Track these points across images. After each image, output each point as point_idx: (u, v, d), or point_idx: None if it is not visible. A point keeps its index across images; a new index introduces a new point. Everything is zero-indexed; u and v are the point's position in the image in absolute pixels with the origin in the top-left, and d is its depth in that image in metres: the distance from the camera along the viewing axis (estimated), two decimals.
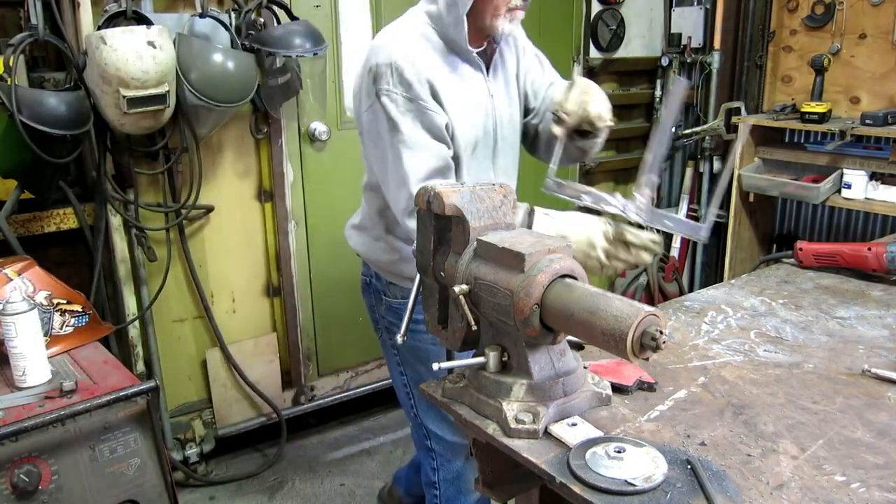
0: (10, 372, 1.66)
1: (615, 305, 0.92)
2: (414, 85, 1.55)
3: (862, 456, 0.97)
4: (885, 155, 3.05)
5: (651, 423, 1.06)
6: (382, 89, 1.57)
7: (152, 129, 2.28)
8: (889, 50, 3.25)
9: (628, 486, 0.89)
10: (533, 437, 1.01)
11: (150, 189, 2.50)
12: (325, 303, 2.98)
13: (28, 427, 1.47)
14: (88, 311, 1.95)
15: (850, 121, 3.21)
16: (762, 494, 0.89)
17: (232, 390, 2.81)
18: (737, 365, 1.26)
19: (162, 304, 2.59)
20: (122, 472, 1.63)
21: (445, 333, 1.19)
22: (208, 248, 2.68)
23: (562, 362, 1.08)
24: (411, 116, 1.57)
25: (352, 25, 2.81)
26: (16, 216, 2.24)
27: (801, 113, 3.28)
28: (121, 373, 1.76)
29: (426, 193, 1.14)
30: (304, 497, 2.67)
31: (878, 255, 1.66)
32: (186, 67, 2.21)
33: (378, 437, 3.05)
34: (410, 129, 1.56)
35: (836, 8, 3.37)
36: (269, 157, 2.71)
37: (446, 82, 1.61)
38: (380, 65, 1.57)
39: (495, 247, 1.05)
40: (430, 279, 1.21)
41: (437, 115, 1.58)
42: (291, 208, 2.78)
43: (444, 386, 1.15)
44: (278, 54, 2.37)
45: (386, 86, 1.57)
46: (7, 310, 1.60)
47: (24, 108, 1.97)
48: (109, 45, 1.99)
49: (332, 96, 2.79)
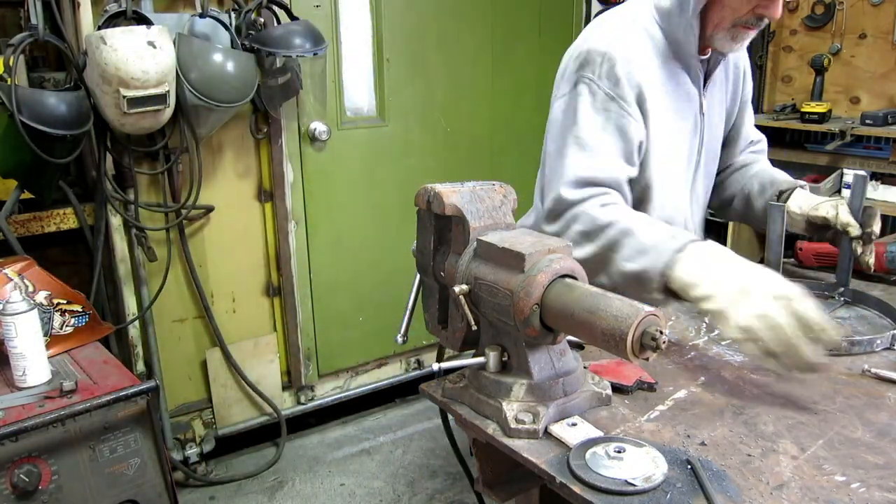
0: (10, 372, 1.66)
1: (615, 305, 0.92)
2: (622, 83, 1.40)
3: (862, 456, 0.97)
4: (885, 155, 3.06)
5: (651, 423, 1.06)
6: (586, 77, 1.41)
7: (152, 129, 2.27)
8: (889, 50, 3.26)
9: (628, 486, 0.89)
10: (533, 437, 1.01)
11: (150, 189, 2.50)
12: (325, 303, 2.98)
13: (28, 427, 1.47)
14: (88, 311, 1.95)
15: (850, 121, 3.21)
16: (762, 494, 0.89)
17: (232, 390, 2.81)
18: (737, 365, 1.26)
19: (162, 304, 2.59)
20: (122, 472, 1.63)
21: (445, 333, 1.19)
22: (208, 248, 2.68)
23: (562, 362, 1.08)
24: (604, 117, 1.41)
25: (352, 25, 2.81)
26: (16, 216, 2.24)
27: (801, 113, 3.28)
28: (121, 373, 1.75)
29: (426, 193, 1.14)
30: (304, 497, 2.67)
31: (878, 255, 1.66)
32: (186, 67, 2.21)
33: (378, 437, 3.05)
34: (596, 128, 1.40)
35: (836, 8, 3.37)
36: (269, 157, 2.71)
37: (659, 90, 1.45)
38: (592, 51, 1.42)
39: (495, 247, 1.04)
40: (430, 279, 1.21)
41: (636, 126, 1.42)
42: (291, 208, 2.78)
43: (444, 386, 1.15)
44: (278, 54, 2.37)
45: (591, 74, 1.41)
46: (7, 310, 1.60)
47: (24, 108, 1.96)
48: (109, 45, 1.99)
49: (332, 96, 2.79)
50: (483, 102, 3.20)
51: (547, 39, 3.31)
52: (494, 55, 3.17)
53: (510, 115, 3.26)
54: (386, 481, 2.74)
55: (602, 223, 1.36)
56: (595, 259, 1.36)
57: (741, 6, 1.40)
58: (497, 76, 3.21)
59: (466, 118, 3.17)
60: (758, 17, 1.42)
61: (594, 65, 1.41)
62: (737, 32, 1.44)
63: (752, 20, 1.42)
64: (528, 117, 3.32)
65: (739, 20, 1.42)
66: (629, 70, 1.41)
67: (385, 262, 3.07)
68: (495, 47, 3.17)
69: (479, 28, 3.11)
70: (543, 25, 3.29)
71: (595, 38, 1.44)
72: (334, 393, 3.09)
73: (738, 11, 1.41)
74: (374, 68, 2.91)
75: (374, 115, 2.97)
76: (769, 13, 1.41)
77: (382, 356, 3.20)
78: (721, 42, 1.46)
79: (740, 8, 1.40)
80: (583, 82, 1.42)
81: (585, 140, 1.40)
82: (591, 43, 1.43)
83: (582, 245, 1.38)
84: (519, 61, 3.24)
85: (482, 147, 3.25)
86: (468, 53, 3.10)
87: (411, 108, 3.01)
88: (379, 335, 3.12)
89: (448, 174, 3.09)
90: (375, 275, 3.07)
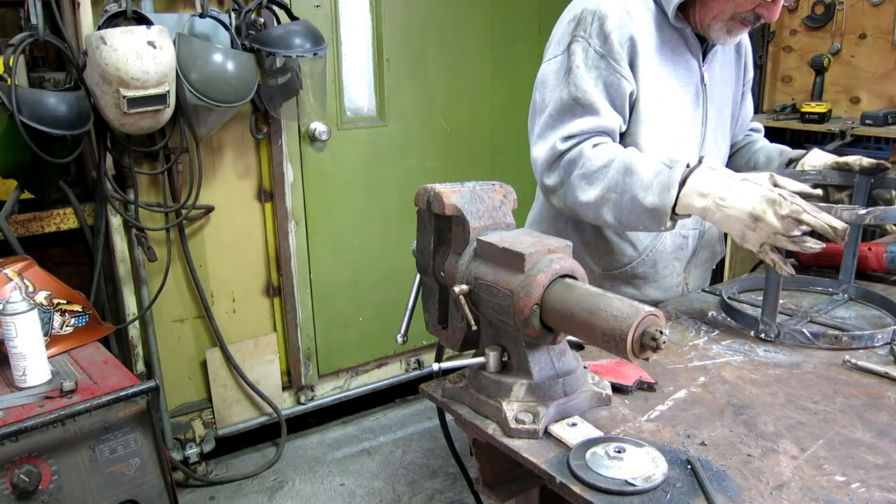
0: (10, 372, 1.66)
1: (615, 305, 0.92)
2: (612, 39, 1.44)
3: (862, 456, 0.97)
4: (885, 155, 3.05)
5: (651, 423, 1.06)
6: (578, 35, 1.46)
7: (152, 129, 2.28)
8: (889, 50, 3.26)
9: (628, 486, 0.89)
10: (533, 437, 1.01)
11: (150, 189, 2.50)
12: (325, 303, 2.98)
13: (28, 427, 1.47)
14: (88, 311, 1.95)
15: (850, 121, 3.21)
16: (762, 494, 0.89)
17: (232, 390, 2.81)
18: (737, 365, 1.26)
19: (162, 304, 2.59)
20: (122, 472, 1.63)
21: (445, 333, 1.19)
22: (208, 248, 2.68)
23: (562, 362, 1.08)
24: (595, 74, 1.45)
25: (352, 25, 2.81)
26: (16, 216, 2.24)
27: (801, 113, 3.28)
28: (121, 373, 1.75)
29: (426, 193, 1.14)
30: (304, 497, 2.67)
31: (878, 255, 1.66)
32: (186, 67, 2.21)
33: (378, 437, 3.05)
34: (588, 84, 1.45)
35: (836, 8, 3.37)
36: (269, 157, 2.71)
37: (652, 50, 1.49)
38: (585, 10, 1.47)
39: (495, 247, 1.04)
40: (430, 279, 1.21)
41: (625, 83, 1.46)
42: (291, 208, 2.78)
43: (444, 386, 1.15)
44: (278, 54, 2.37)
45: (583, 33, 1.46)
46: (7, 310, 1.60)
47: (24, 108, 1.96)
48: (109, 45, 1.99)
49: (332, 96, 2.79)
50: (483, 102, 3.20)
51: (547, 40, 3.30)
52: (494, 55, 3.18)
53: (510, 115, 3.26)
54: (386, 481, 2.74)
55: (600, 164, 1.41)
56: (601, 200, 1.42)
57: (745, 2, 1.44)
58: (497, 76, 3.21)
59: (466, 118, 3.17)
60: (756, 16, 1.46)
61: (585, 23, 1.46)
62: (733, 26, 1.48)
63: (749, 17, 1.46)
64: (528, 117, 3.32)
65: (738, 14, 1.46)
66: (621, 24, 1.45)
67: (385, 262, 3.07)
68: (495, 47, 3.17)
69: (479, 28, 3.11)
70: (543, 25, 3.29)
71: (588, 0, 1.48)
72: (334, 393, 3.10)
73: (741, 6, 1.45)
74: (374, 68, 2.91)
75: (373, 115, 2.97)
76: (767, 14, 1.46)
77: (382, 356, 3.20)
78: (716, 33, 1.49)
79: (744, 4, 1.44)
80: (576, 41, 1.47)
81: (582, 98, 1.45)
82: (585, 3, 1.48)
83: (584, 189, 1.43)
84: (519, 61, 3.24)
85: (482, 147, 3.25)
86: (468, 53, 3.10)
87: (411, 108, 3.01)
88: (379, 335, 3.12)
89: (448, 174, 3.10)
90: (375, 275, 3.07)
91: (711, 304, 1.55)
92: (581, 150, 1.44)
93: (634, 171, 1.37)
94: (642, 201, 1.35)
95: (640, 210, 1.36)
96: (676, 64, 1.54)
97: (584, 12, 1.47)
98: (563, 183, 1.47)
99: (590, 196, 1.43)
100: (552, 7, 3.30)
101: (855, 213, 1.25)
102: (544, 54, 1.58)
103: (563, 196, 1.49)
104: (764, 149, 1.79)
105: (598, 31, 1.45)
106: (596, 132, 1.46)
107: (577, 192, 1.44)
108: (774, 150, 1.76)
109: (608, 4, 1.46)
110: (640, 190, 1.35)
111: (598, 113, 1.45)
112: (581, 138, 1.46)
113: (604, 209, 1.42)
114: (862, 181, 1.56)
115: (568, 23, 1.51)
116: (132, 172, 2.40)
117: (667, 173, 1.33)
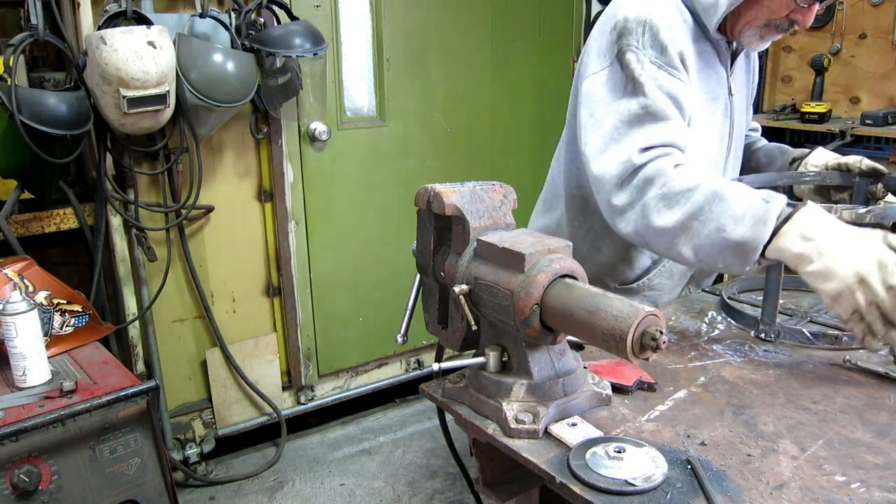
0: (10, 372, 1.66)
1: (615, 305, 0.92)
2: (668, 49, 1.35)
3: (862, 456, 0.97)
4: (884, 155, 3.05)
5: (651, 423, 1.06)
6: (631, 45, 1.36)
7: (152, 130, 2.27)
8: (889, 50, 3.25)
9: (628, 486, 0.89)
10: (533, 437, 1.01)
11: (150, 189, 2.50)
12: (325, 303, 2.98)
13: (28, 427, 1.47)
14: (88, 311, 1.95)
15: (850, 121, 3.21)
16: (762, 494, 0.89)
17: (232, 390, 2.81)
18: (737, 365, 1.26)
19: (162, 304, 2.59)
20: (122, 472, 1.63)
21: (445, 333, 1.19)
22: (208, 248, 2.68)
23: (562, 362, 1.08)
24: (656, 83, 1.35)
25: (352, 25, 2.81)
26: (16, 216, 2.24)
27: (801, 113, 3.28)
28: (121, 373, 1.76)
29: (426, 193, 1.14)
30: (304, 497, 2.67)
31: None
32: (186, 67, 2.21)
33: (378, 437, 3.05)
34: (654, 92, 1.34)
35: (836, 8, 3.37)
36: (269, 157, 2.71)
37: (693, 65, 1.43)
38: (630, 20, 1.37)
39: (495, 247, 1.04)
40: (430, 279, 1.21)
41: (686, 87, 1.38)
42: (291, 208, 2.78)
43: (444, 386, 1.15)
44: (278, 54, 2.37)
45: (635, 43, 1.36)
46: (7, 310, 1.60)
47: (24, 108, 1.96)
48: (109, 45, 1.99)
49: (332, 96, 2.79)
50: (483, 102, 3.20)
51: (547, 40, 3.31)
52: (494, 55, 3.17)
53: (510, 115, 3.26)
54: (386, 481, 2.74)
55: (683, 187, 1.26)
56: (680, 227, 1.26)
57: (780, 9, 1.40)
58: (497, 76, 3.21)
59: (466, 118, 3.17)
60: (790, 23, 1.42)
61: (636, 34, 1.37)
62: (766, 32, 1.44)
63: (784, 24, 1.42)
64: (528, 117, 3.32)
65: (773, 21, 1.42)
66: (672, 37, 1.37)
67: (385, 263, 3.07)
68: (495, 47, 3.17)
69: (479, 28, 3.11)
70: (543, 26, 3.29)
71: (629, 9, 1.39)
72: (334, 393, 3.09)
73: (775, 13, 1.41)
74: (374, 68, 2.91)
75: (374, 115, 2.97)
76: (802, 20, 1.41)
77: (382, 356, 3.20)
78: (749, 39, 1.45)
79: (779, 10, 1.40)
80: (629, 51, 1.36)
81: (649, 105, 1.34)
82: (626, 13, 1.38)
83: (661, 212, 1.28)
84: (519, 61, 3.24)
85: (482, 147, 3.25)
86: (468, 53, 3.10)
87: (411, 108, 3.01)
88: (379, 335, 3.12)
89: (448, 174, 3.10)
90: (375, 275, 3.07)
91: (711, 304, 1.55)
92: (661, 169, 1.29)
93: (725, 199, 1.21)
94: (731, 233, 1.19)
95: (724, 244, 1.21)
96: (709, 77, 1.49)
97: (630, 22, 1.37)
98: (635, 204, 1.31)
99: (668, 221, 1.27)
100: (552, 7, 3.30)
101: (855, 212, 1.25)
102: (581, 69, 1.50)
103: (634, 219, 1.32)
104: (764, 148, 1.79)
105: (651, 41, 1.36)
106: (670, 144, 1.33)
107: (653, 216, 1.28)
108: (775, 150, 1.75)
109: (656, 14, 1.37)
110: (729, 220, 1.20)
111: (668, 119, 1.34)
112: (660, 153, 1.32)
113: (681, 238, 1.26)
114: (862, 182, 1.56)
115: (609, 32, 1.42)
116: (132, 172, 2.40)
117: (764, 207, 1.18)
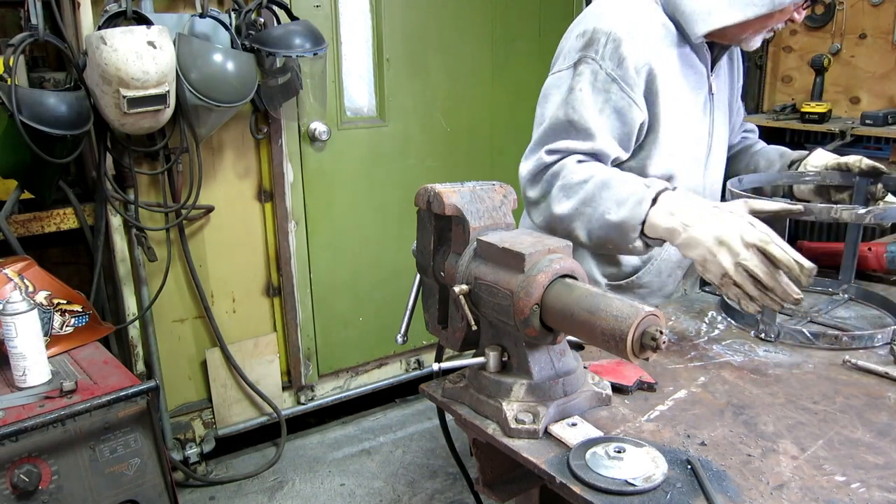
0: (10, 372, 1.66)
1: (615, 305, 0.92)
2: (627, 64, 1.38)
3: (862, 456, 0.97)
4: (884, 155, 3.06)
5: (651, 423, 1.06)
6: (588, 56, 1.40)
7: (152, 130, 2.28)
8: (889, 50, 3.26)
9: (628, 486, 0.89)
10: (533, 437, 1.01)
11: (150, 189, 2.50)
12: (325, 303, 2.98)
13: (28, 427, 1.47)
14: (88, 311, 1.95)
15: (850, 121, 3.21)
16: (762, 494, 0.89)
17: (232, 390, 2.81)
18: (737, 365, 1.26)
19: (162, 304, 2.59)
20: (122, 472, 1.63)
21: (445, 333, 1.19)
22: (208, 248, 2.68)
23: (562, 362, 1.08)
24: (604, 98, 1.40)
25: (352, 25, 2.81)
26: (16, 216, 2.24)
27: (801, 113, 3.28)
28: (121, 373, 1.76)
29: (426, 193, 1.14)
30: (304, 497, 2.67)
31: (878, 255, 1.66)
32: (186, 67, 2.21)
33: (378, 437, 3.05)
34: (594, 109, 1.40)
35: (836, 8, 3.37)
36: (269, 157, 2.71)
37: (672, 70, 1.45)
38: (598, 30, 1.40)
39: (495, 247, 1.04)
40: (430, 279, 1.21)
41: (636, 110, 1.42)
42: (291, 208, 2.78)
43: (444, 386, 1.15)
44: (278, 54, 2.37)
45: (594, 54, 1.40)
46: (7, 310, 1.60)
47: (24, 108, 1.96)
48: (109, 45, 1.99)
49: (332, 96, 2.79)
50: (483, 102, 3.20)
51: (547, 40, 3.31)
52: (494, 55, 3.17)
53: (510, 115, 3.26)
54: (386, 481, 2.74)
55: (580, 179, 1.39)
56: (574, 213, 1.39)
57: (782, 16, 1.43)
58: (497, 76, 3.21)
59: (466, 118, 3.17)
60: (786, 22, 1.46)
61: (598, 44, 1.40)
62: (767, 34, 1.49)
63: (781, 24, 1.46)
64: (528, 117, 3.27)
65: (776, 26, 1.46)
66: (637, 52, 1.39)
67: (385, 262, 3.07)
68: (495, 47, 3.17)
69: (479, 28, 3.11)
70: (543, 25, 3.29)
71: (600, 18, 1.42)
72: (334, 393, 3.10)
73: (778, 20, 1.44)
74: (374, 68, 2.91)
75: (374, 115, 2.97)
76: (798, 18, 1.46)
77: (382, 356, 3.20)
78: (748, 42, 1.49)
79: (781, 17, 1.44)
80: (585, 62, 1.41)
81: (579, 122, 1.41)
82: (597, 22, 1.42)
83: (561, 201, 1.41)
84: (519, 61, 3.24)
85: (482, 147, 3.25)
86: (468, 53, 3.10)
87: (411, 108, 3.01)
88: (379, 335, 3.12)
89: (448, 174, 3.10)
90: (375, 275, 3.07)
91: (711, 304, 1.55)
92: (564, 164, 1.42)
93: (612, 186, 1.34)
94: (614, 215, 1.32)
95: (609, 225, 1.34)
96: (688, 77, 1.51)
97: (597, 32, 1.41)
98: (546, 196, 1.44)
99: (565, 209, 1.40)
100: (552, 7, 3.30)
101: (855, 212, 1.25)
102: (552, 65, 1.54)
103: (542, 210, 1.45)
104: (762, 151, 1.78)
105: (611, 53, 1.39)
106: (585, 153, 1.43)
107: (554, 205, 1.42)
108: (774, 153, 1.75)
109: (623, 27, 1.40)
110: (613, 204, 1.33)
111: (592, 138, 1.42)
112: (567, 153, 1.43)
113: (576, 223, 1.39)
114: (862, 182, 1.56)
115: (577, 38, 1.45)
116: (132, 172, 2.40)
117: (643, 191, 1.31)
